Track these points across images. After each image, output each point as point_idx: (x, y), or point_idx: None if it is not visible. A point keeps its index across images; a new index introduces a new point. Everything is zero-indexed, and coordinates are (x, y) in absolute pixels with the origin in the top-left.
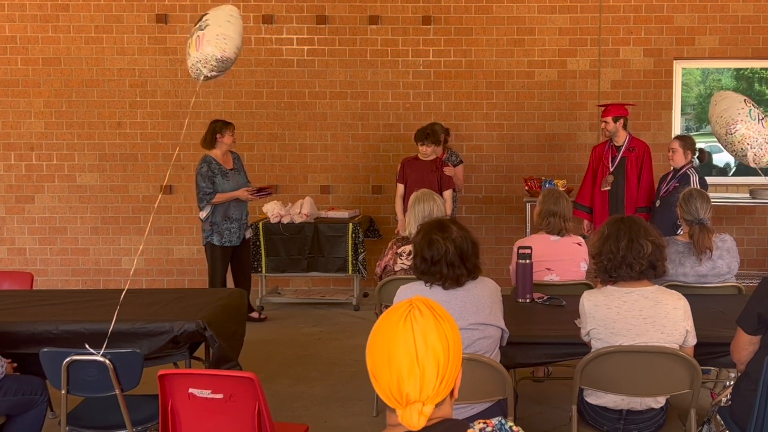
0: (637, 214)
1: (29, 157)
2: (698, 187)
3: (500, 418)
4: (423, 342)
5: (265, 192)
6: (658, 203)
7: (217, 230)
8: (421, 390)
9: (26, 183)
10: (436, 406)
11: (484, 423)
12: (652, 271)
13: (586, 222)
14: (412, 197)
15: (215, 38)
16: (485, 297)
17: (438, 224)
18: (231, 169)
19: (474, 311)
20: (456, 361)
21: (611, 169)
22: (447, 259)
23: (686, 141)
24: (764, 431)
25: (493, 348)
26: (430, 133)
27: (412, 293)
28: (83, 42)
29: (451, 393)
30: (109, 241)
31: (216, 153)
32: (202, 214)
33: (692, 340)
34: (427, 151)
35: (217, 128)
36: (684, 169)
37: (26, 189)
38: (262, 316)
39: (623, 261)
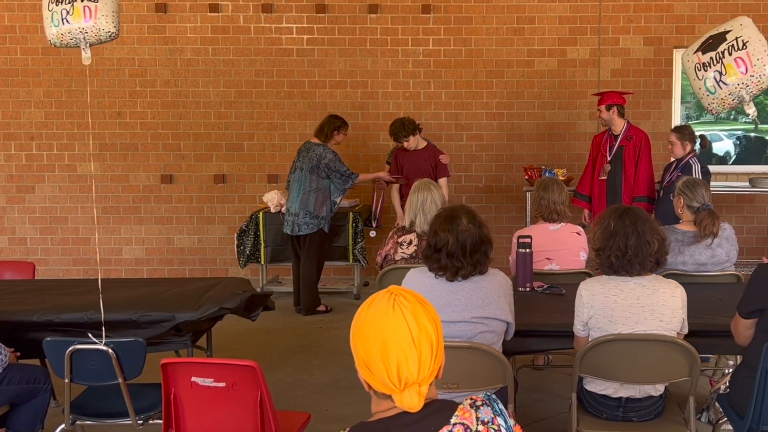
0: (635, 203)
1: (29, 147)
2: (700, 176)
3: (486, 392)
4: (416, 324)
5: (399, 178)
6: (661, 193)
7: (330, 218)
8: (419, 370)
9: (26, 173)
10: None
11: (472, 399)
12: (656, 266)
13: (585, 211)
14: (412, 187)
15: (112, 14)
16: (493, 290)
17: (449, 215)
18: None
19: (479, 305)
20: (442, 339)
21: (608, 158)
22: (447, 250)
23: (683, 132)
24: (762, 418)
25: (496, 341)
26: (399, 128)
27: (420, 280)
28: None
29: (437, 374)
30: (109, 231)
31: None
32: (339, 199)
33: (685, 329)
34: (411, 144)
35: (338, 125)
36: (686, 159)
37: (27, 179)
38: (329, 308)
39: (633, 259)
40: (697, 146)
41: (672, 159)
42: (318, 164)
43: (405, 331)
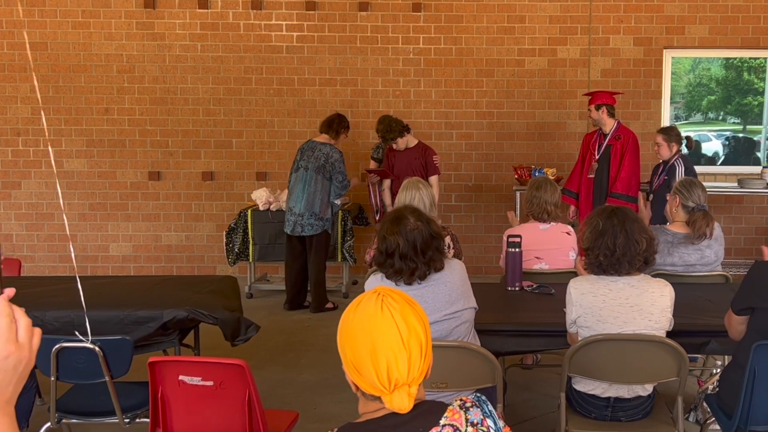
0: (610, 199)
1: (15, 143)
2: (684, 176)
3: (476, 393)
4: (405, 325)
5: (383, 171)
6: (651, 197)
7: (332, 219)
8: (409, 371)
9: (12, 169)
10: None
11: (462, 400)
12: (645, 266)
13: (572, 208)
14: (401, 185)
15: None
16: (456, 283)
17: (395, 217)
18: None
19: (447, 301)
20: (430, 339)
21: (596, 157)
22: (399, 252)
23: (669, 134)
24: (750, 418)
25: (469, 330)
26: (387, 130)
27: (382, 285)
28: (70, 27)
29: (426, 374)
30: (96, 228)
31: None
32: (339, 201)
33: (670, 327)
34: (400, 145)
35: (345, 124)
36: (672, 161)
37: (13, 175)
38: (335, 306)
39: (622, 258)
40: (683, 147)
41: (660, 160)
42: (325, 164)
43: (394, 333)
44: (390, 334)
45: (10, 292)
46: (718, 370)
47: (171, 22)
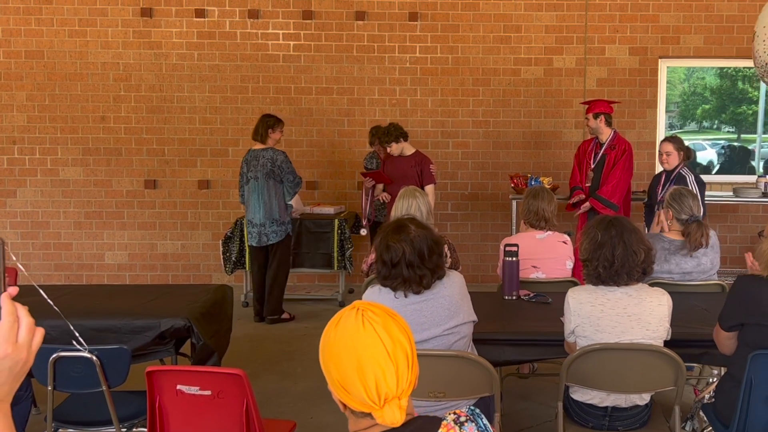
0: (592, 200)
1: (11, 151)
2: (696, 185)
3: (470, 407)
4: (389, 338)
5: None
6: (656, 207)
7: (291, 221)
8: (398, 384)
9: (8, 177)
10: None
11: (456, 414)
12: (643, 276)
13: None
14: (398, 194)
15: None
16: (455, 296)
17: (396, 226)
18: None
19: (447, 315)
20: (415, 348)
21: (592, 166)
22: (406, 261)
23: (679, 142)
24: (747, 428)
25: (468, 345)
26: (384, 133)
27: (381, 299)
28: (67, 35)
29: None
30: (92, 236)
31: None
32: (294, 203)
33: (667, 336)
34: (395, 151)
35: (270, 123)
36: (677, 170)
37: (8, 183)
38: (292, 316)
39: (621, 269)
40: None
41: (661, 170)
42: (272, 168)
43: (379, 347)
44: (375, 348)
45: (12, 290)
46: (715, 379)
47: (168, 31)
